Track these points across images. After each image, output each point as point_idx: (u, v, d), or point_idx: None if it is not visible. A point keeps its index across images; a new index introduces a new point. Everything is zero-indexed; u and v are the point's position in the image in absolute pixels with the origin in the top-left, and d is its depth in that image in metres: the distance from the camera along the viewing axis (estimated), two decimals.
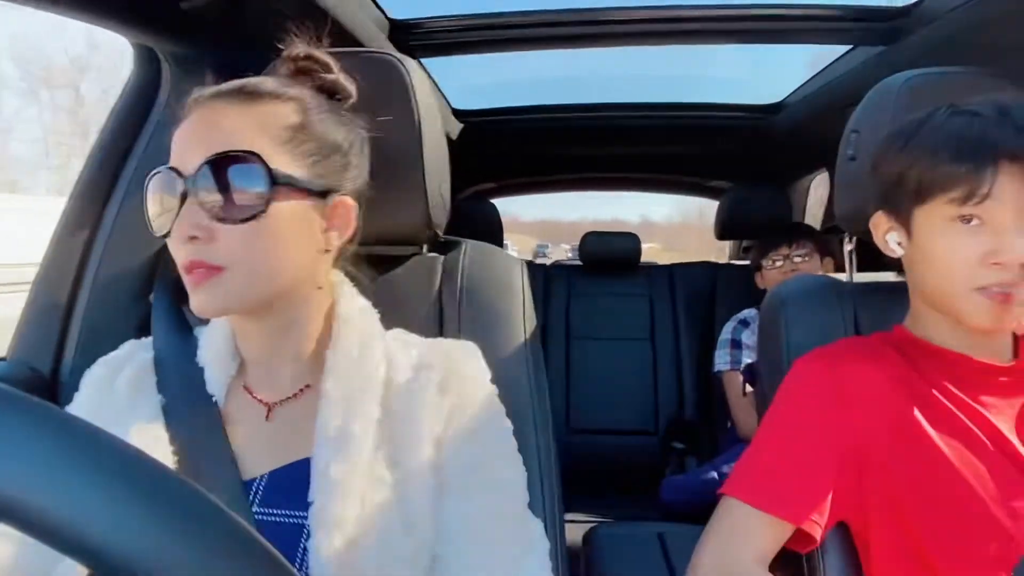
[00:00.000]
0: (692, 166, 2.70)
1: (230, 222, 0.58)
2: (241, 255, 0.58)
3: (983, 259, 0.66)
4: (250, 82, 0.63)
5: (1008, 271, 0.65)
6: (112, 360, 0.69)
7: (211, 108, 0.61)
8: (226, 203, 0.57)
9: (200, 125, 0.61)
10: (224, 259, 0.58)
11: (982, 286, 0.67)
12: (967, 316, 0.69)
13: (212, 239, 0.57)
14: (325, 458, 0.59)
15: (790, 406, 0.77)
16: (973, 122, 0.67)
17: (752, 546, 0.71)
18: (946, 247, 0.69)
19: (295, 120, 0.62)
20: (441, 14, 1.47)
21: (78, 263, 0.93)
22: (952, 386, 0.73)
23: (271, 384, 0.66)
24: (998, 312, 0.67)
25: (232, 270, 0.58)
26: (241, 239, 0.58)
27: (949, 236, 0.68)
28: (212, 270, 0.58)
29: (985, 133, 0.66)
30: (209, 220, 0.57)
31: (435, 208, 0.84)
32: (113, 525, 0.24)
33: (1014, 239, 0.65)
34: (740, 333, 1.90)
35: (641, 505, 1.86)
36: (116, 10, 0.83)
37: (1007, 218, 0.65)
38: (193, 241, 0.57)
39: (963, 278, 0.68)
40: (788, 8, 1.38)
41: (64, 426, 0.25)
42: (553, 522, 0.74)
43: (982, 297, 0.67)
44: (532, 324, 0.84)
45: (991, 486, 0.67)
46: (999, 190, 0.65)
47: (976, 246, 0.67)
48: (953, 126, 0.68)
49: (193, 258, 0.57)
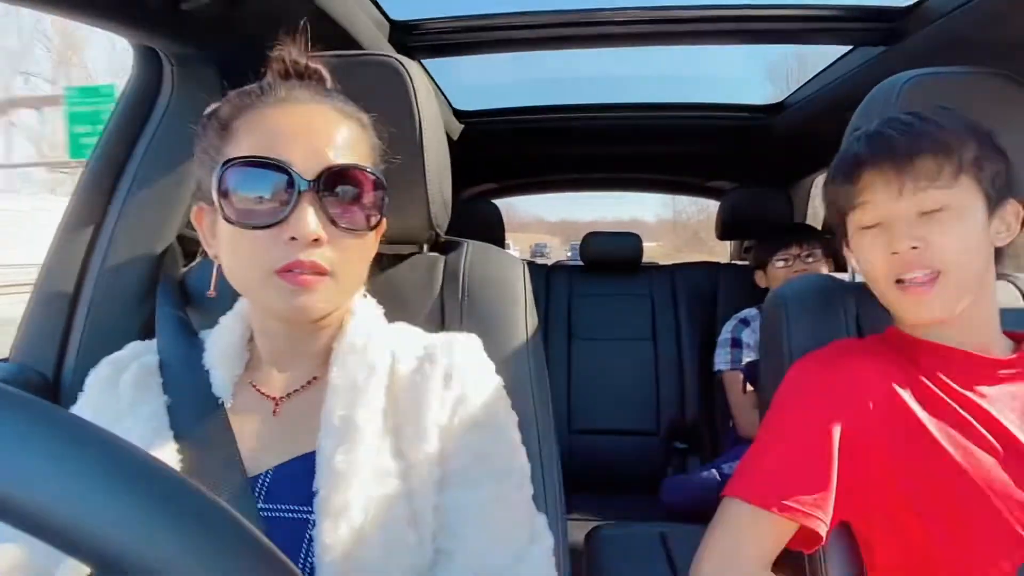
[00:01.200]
0: (693, 166, 2.70)
1: (349, 232, 0.60)
2: (345, 264, 0.61)
3: (885, 253, 0.74)
4: (336, 94, 0.66)
5: (906, 260, 0.72)
6: (116, 360, 0.69)
7: (315, 109, 0.62)
8: (350, 214, 0.60)
9: (310, 124, 0.61)
10: (333, 265, 0.60)
11: (898, 278, 0.73)
12: (900, 311, 0.77)
13: (326, 244, 0.59)
14: (330, 447, 0.59)
15: (790, 407, 0.77)
16: (849, 147, 0.78)
17: (755, 546, 0.71)
18: (864, 252, 0.77)
19: (369, 139, 0.67)
20: (441, 15, 1.47)
21: (80, 265, 0.93)
22: (951, 381, 0.73)
23: (280, 379, 0.67)
24: (919, 305, 0.73)
25: (335, 276, 0.60)
26: (345, 249, 0.61)
27: (863, 242, 0.77)
28: (321, 274, 0.59)
29: (848, 151, 0.78)
30: (330, 225, 0.59)
31: (436, 208, 0.84)
32: (114, 525, 0.24)
33: (899, 228, 0.72)
34: (740, 332, 1.90)
35: (643, 505, 1.85)
36: (117, 11, 0.83)
37: (890, 212, 0.73)
38: (314, 244, 0.58)
39: (882, 276, 0.75)
40: (789, 9, 1.38)
41: (66, 427, 0.25)
42: (555, 522, 0.73)
43: (902, 291, 0.74)
44: (533, 325, 0.84)
45: (993, 480, 0.68)
46: (869, 191, 0.74)
47: (879, 244, 0.75)
48: (842, 149, 0.81)
49: (309, 259, 0.58)
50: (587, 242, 2.39)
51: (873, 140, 0.75)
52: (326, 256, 0.59)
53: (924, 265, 0.71)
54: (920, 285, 0.72)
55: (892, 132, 0.73)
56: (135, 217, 0.94)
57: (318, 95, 0.64)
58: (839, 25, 1.39)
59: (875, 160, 0.73)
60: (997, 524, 0.67)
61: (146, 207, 0.94)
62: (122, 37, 0.91)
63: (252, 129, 0.60)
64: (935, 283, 0.71)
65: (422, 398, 0.64)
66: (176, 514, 0.25)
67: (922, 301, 0.72)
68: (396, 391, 0.65)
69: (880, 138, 0.74)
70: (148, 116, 0.97)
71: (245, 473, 0.61)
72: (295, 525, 0.59)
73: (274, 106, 0.61)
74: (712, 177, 2.82)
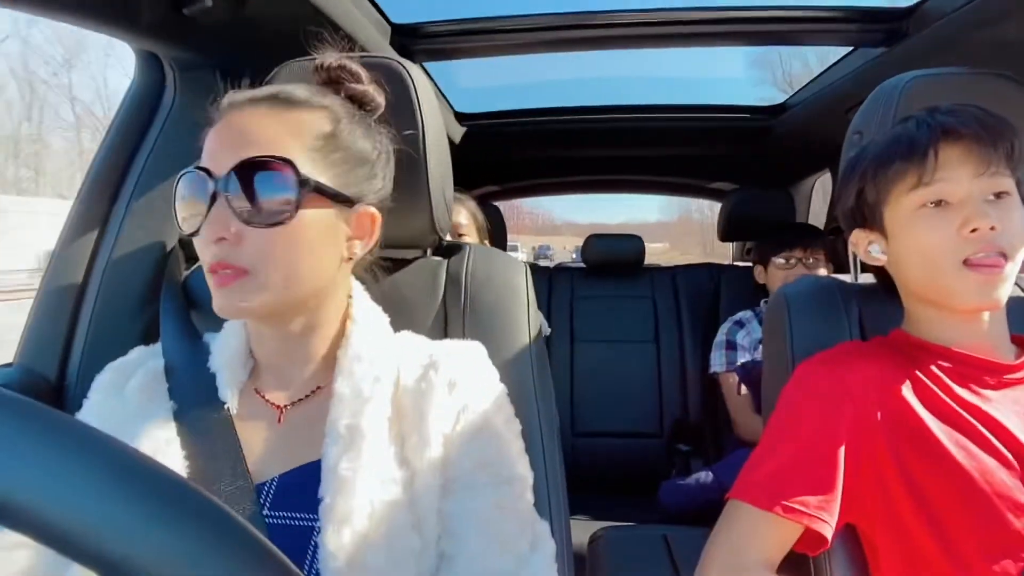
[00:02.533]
0: (695, 168, 2.70)
1: (258, 226, 0.59)
2: (266, 259, 0.59)
3: (959, 231, 0.70)
4: (284, 89, 0.64)
5: (983, 238, 0.69)
6: (121, 366, 0.69)
7: (245, 113, 0.62)
8: (255, 207, 0.58)
9: (233, 129, 0.61)
10: (249, 262, 0.59)
11: (967, 257, 0.70)
12: (958, 295, 0.72)
13: (239, 242, 0.58)
14: (335, 455, 0.60)
15: (795, 409, 0.77)
16: (907, 125, 0.74)
17: (760, 549, 0.71)
18: (922, 232, 0.73)
19: (326, 129, 0.64)
20: (443, 18, 1.47)
21: (84, 269, 0.93)
22: (956, 384, 0.73)
23: (284, 387, 0.67)
24: (986, 285, 0.70)
25: (257, 273, 0.59)
26: (268, 243, 0.59)
27: (921, 223, 0.73)
28: (238, 272, 0.59)
29: (919, 126, 0.73)
30: (238, 223, 0.58)
31: (439, 212, 0.84)
32: (121, 531, 0.24)
33: (979, 206, 0.70)
34: (735, 334, 1.89)
35: (646, 507, 1.85)
36: (119, 17, 0.83)
37: (965, 191, 0.70)
38: (220, 243, 0.58)
39: (947, 254, 0.71)
40: (790, 10, 1.38)
41: (71, 432, 0.26)
42: (559, 524, 0.74)
43: (970, 271, 0.70)
44: (536, 327, 0.84)
45: (997, 484, 0.67)
46: (945, 168, 0.70)
47: (949, 222, 0.71)
48: (892, 135, 0.76)
49: (220, 259, 0.59)
50: (589, 244, 2.39)
51: (955, 118, 0.71)
52: (240, 254, 0.59)
53: (995, 247, 0.70)
54: (991, 265, 0.70)
55: (972, 112, 0.71)
56: (138, 221, 0.94)
57: (255, 97, 0.64)
58: (840, 26, 1.39)
59: (962, 136, 0.70)
60: (1001, 528, 0.66)
61: (149, 211, 0.95)
62: (124, 42, 0.91)
63: (205, 144, 0.63)
64: (1003, 267, 0.70)
65: (426, 407, 0.64)
66: (181, 519, 0.25)
67: (991, 281, 0.70)
68: (401, 400, 0.65)
69: (963, 117, 0.71)
70: (151, 121, 0.98)
71: (251, 481, 0.61)
72: (300, 532, 0.59)
73: (218, 119, 0.63)
74: (714, 178, 2.82)
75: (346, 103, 0.68)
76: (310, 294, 0.64)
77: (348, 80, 0.70)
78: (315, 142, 0.62)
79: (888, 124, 0.82)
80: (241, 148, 0.59)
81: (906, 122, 0.76)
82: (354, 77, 0.70)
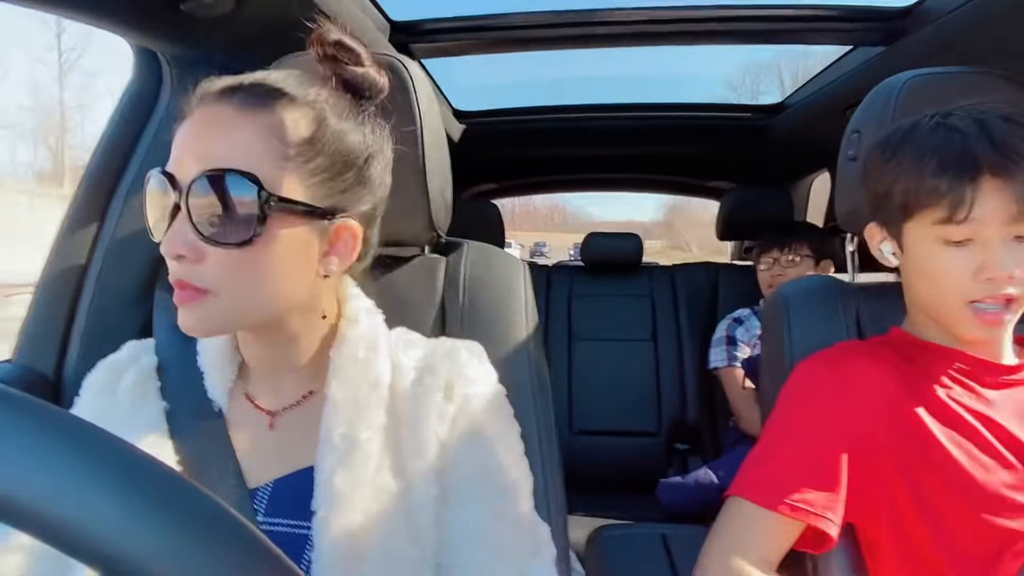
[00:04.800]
0: (693, 167, 2.70)
1: (219, 245, 0.53)
2: (228, 281, 0.54)
3: (974, 275, 0.67)
4: (262, 83, 0.58)
5: (997, 286, 0.67)
6: (113, 363, 0.67)
7: (216, 110, 0.56)
8: (217, 224, 0.53)
9: (201, 129, 0.56)
10: (210, 283, 0.54)
11: (975, 300, 0.68)
12: (959, 328, 0.71)
13: (200, 260, 0.53)
14: (329, 467, 0.57)
15: (794, 407, 0.77)
16: (953, 138, 0.67)
17: (761, 547, 0.71)
18: (936, 264, 0.70)
19: (307, 132, 0.57)
20: (442, 15, 1.47)
21: (81, 265, 0.93)
22: (955, 384, 0.73)
23: (273, 392, 0.65)
24: (989, 328, 0.69)
25: (218, 295, 0.54)
26: (229, 264, 0.54)
27: (939, 254, 0.69)
28: (197, 292, 0.54)
29: (965, 149, 0.66)
30: (198, 240, 0.53)
31: (437, 209, 0.84)
32: (123, 529, 0.24)
33: (1000, 253, 0.66)
34: (735, 330, 1.90)
35: (644, 506, 1.85)
36: (116, 13, 0.83)
37: (992, 233, 0.67)
38: (180, 260, 0.53)
39: (956, 293, 0.69)
40: (788, 9, 1.38)
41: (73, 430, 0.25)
42: (557, 524, 0.73)
43: (973, 314, 0.68)
44: (534, 325, 0.84)
45: (997, 484, 0.67)
46: (981, 207, 0.65)
47: (966, 263, 0.68)
48: (934, 141, 0.69)
49: (179, 277, 0.54)
50: (587, 242, 2.39)
51: (1000, 146, 0.65)
52: (201, 273, 0.53)
53: (1005, 294, 0.67)
54: (996, 312, 0.68)
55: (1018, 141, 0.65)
56: (135, 218, 0.94)
57: (229, 87, 0.58)
58: (839, 25, 1.39)
59: (1001, 171, 0.65)
60: (1002, 529, 0.66)
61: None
62: (121, 38, 0.91)
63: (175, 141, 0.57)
64: (1008, 308, 0.68)
65: (422, 412, 0.62)
66: (180, 515, 0.25)
67: (993, 327, 0.69)
68: (397, 405, 0.62)
69: (1008, 146, 0.65)
70: (147, 118, 0.97)
71: (245, 485, 0.60)
72: (294, 541, 0.57)
73: (190, 114, 0.58)
74: (712, 177, 2.82)
75: (336, 93, 0.61)
76: (282, 312, 0.59)
77: (346, 60, 0.62)
78: (290, 149, 0.56)
79: (887, 123, 0.82)
80: (205, 155, 0.54)
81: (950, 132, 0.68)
82: (353, 58, 0.62)
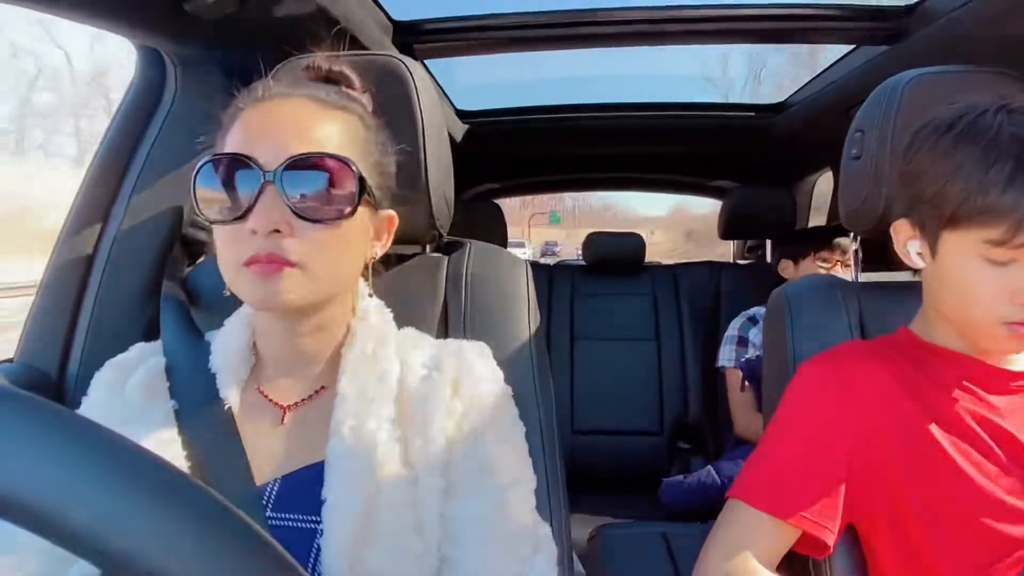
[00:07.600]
0: (696, 166, 2.70)
1: (314, 221, 0.59)
2: (316, 255, 0.59)
3: (1011, 296, 0.65)
4: (324, 86, 0.65)
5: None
6: (121, 363, 0.68)
7: (292, 103, 0.62)
8: (313, 202, 0.58)
9: (281, 117, 0.61)
10: (299, 256, 0.58)
11: (1008, 321, 0.65)
12: (988, 343, 0.70)
13: (291, 234, 0.58)
14: (339, 456, 0.59)
15: (796, 409, 0.76)
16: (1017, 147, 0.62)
17: (759, 550, 0.70)
18: (973, 280, 0.66)
19: (364, 131, 0.65)
20: (444, 15, 1.47)
21: (85, 265, 0.93)
22: (961, 389, 0.72)
23: (287, 386, 0.67)
24: (1017, 345, 0.68)
25: (304, 268, 0.59)
26: (318, 240, 0.59)
27: (977, 270, 0.66)
28: (285, 265, 0.58)
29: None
30: (291, 216, 0.58)
31: (439, 209, 0.84)
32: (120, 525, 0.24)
33: None
34: (748, 330, 1.89)
35: (646, 505, 1.86)
36: (120, 13, 0.83)
37: None
38: (274, 235, 0.57)
39: (988, 311, 0.66)
40: (791, 8, 1.37)
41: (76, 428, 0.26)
42: (558, 523, 0.74)
43: (1005, 330, 0.66)
44: (536, 325, 0.84)
45: (1001, 489, 0.67)
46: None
47: (1005, 283, 0.65)
48: (1005, 148, 0.63)
49: (270, 251, 0.57)
50: (590, 242, 2.39)
51: None
52: (290, 247, 0.58)
53: None
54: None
55: None
56: (139, 217, 0.94)
57: (298, 88, 0.64)
58: (841, 25, 1.38)
59: None
60: (1003, 535, 0.66)
61: (150, 208, 0.95)
62: (125, 38, 0.91)
63: (235, 129, 0.61)
64: None
65: (430, 408, 0.64)
66: (183, 514, 0.25)
67: (1022, 344, 0.68)
68: (405, 401, 0.64)
69: None
70: (151, 117, 0.97)
71: (253, 481, 0.60)
72: (303, 534, 0.58)
73: (254, 105, 0.62)
74: (714, 176, 2.82)
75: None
76: (341, 291, 0.66)
77: (342, 84, 0.70)
78: (359, 144, 0.64)
79: (890, 122, 0.82)
80: (294, 140, 0.59)
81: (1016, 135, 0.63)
82: (346, 82, 0.71)
